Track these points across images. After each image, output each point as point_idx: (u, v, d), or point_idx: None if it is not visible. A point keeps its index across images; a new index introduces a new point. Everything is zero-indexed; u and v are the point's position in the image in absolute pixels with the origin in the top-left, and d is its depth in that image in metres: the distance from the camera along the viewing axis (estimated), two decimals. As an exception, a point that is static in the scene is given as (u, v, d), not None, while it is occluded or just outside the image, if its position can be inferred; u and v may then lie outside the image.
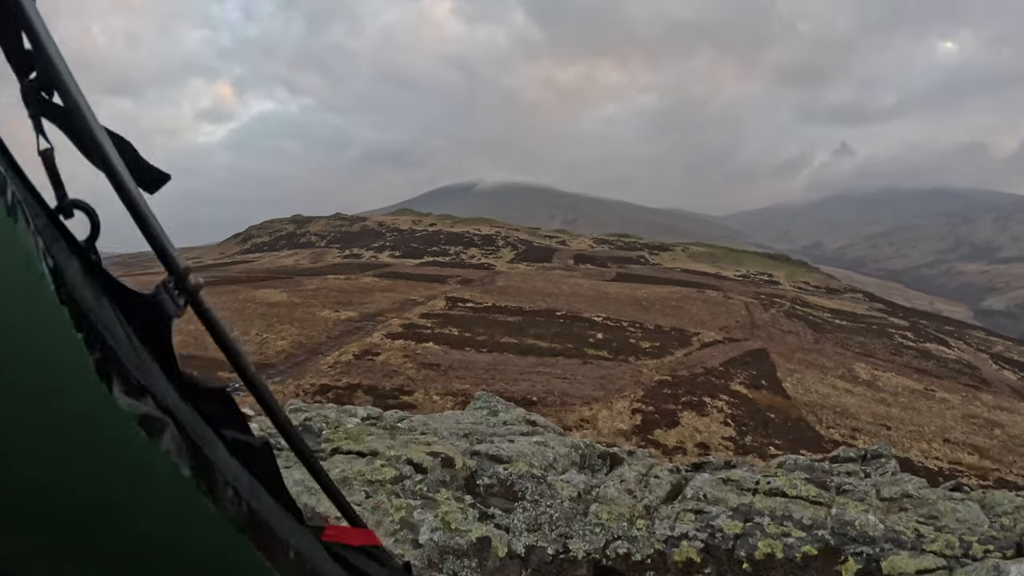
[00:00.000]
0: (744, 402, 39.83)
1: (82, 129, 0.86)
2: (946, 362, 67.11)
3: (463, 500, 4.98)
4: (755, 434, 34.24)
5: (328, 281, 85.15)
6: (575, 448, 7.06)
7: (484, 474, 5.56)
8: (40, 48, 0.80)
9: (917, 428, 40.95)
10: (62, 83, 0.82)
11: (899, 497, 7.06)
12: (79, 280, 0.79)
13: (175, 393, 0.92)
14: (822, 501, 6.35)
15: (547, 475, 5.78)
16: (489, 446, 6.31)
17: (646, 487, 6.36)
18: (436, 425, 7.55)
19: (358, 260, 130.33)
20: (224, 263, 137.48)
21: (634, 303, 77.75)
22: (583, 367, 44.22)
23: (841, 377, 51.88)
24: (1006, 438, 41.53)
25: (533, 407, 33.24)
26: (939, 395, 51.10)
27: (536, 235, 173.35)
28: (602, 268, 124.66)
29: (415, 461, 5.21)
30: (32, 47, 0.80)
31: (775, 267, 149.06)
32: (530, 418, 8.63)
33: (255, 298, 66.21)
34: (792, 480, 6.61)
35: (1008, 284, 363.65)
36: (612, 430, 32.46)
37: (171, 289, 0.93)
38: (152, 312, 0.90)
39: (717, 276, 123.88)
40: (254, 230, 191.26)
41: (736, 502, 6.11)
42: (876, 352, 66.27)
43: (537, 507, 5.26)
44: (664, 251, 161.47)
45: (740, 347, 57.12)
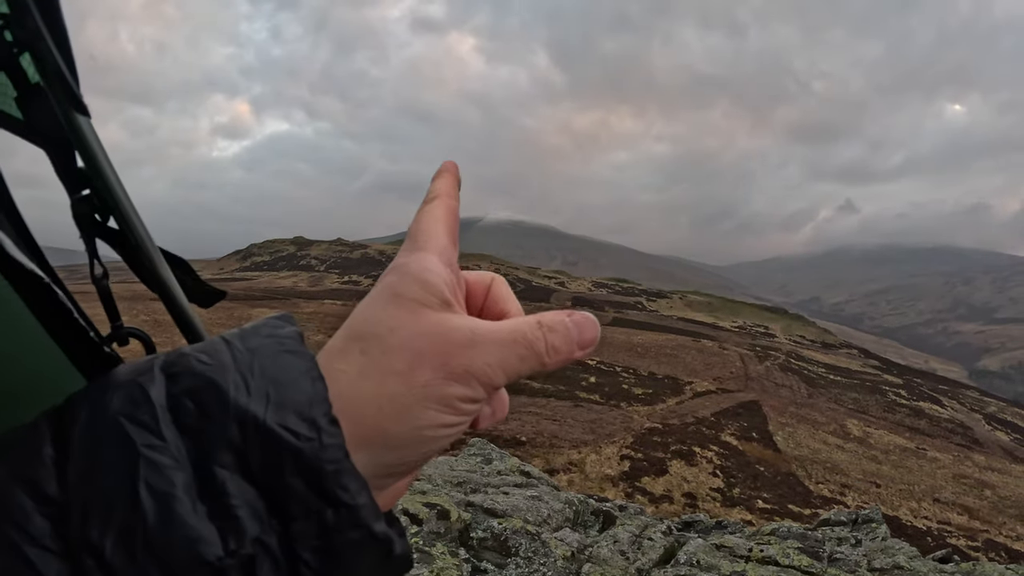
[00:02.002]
0: (734, 454, 39.62)
1: (142, 260, 0.84)
2: (939, 421, 66.93)
3: (457, 554, 4.97)
4: (744, 486, 33.98)
5: (325, 306, 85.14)
6: (569, 504, 7.05)
7: (478, 527, 5.55)
8: (97, 171, 0.78)
9: (907, 487, 40.70)
10: (120, 209, 0.80)
11: (890, 568, 7.06)
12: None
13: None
14: (814, 572, 6.33)
15: (541, 531, 5.77)
16: (484, 497, 6.31)
17: (639, 549, 6.35)
18: (430, 471, 7.54)
19: (356, 287, 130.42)
20: (223, 279, 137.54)
21: (629, 348, 77.71)
22: (574, 410, 44.07)
23: (833, 433, 51.69)
24: (996, 499, 41.27)
25: (522, 448, 33.06)
26: (930, 454, 50.89)
27: (535, 275, 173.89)
28: (599, 312, 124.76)
29: (411, 511, 5.21)
30: (87, 167, 0.78)
31: (772, 319, 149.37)
32: (524, 469, 8.62)
33: (251, 317, 64.91)
34: (785, 548, 6.60)
35: (1003, 345, 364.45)
36: (600, 475, 32.23)
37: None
38: None
39: (713, 326, 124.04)
40: (255, 248, 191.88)
41: (729, 569, 6.10)
42: (869, 409, 66.13)
43: (531, 564, 5.25)
44: (662, 298, 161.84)
45: (733, 398, 57.00)
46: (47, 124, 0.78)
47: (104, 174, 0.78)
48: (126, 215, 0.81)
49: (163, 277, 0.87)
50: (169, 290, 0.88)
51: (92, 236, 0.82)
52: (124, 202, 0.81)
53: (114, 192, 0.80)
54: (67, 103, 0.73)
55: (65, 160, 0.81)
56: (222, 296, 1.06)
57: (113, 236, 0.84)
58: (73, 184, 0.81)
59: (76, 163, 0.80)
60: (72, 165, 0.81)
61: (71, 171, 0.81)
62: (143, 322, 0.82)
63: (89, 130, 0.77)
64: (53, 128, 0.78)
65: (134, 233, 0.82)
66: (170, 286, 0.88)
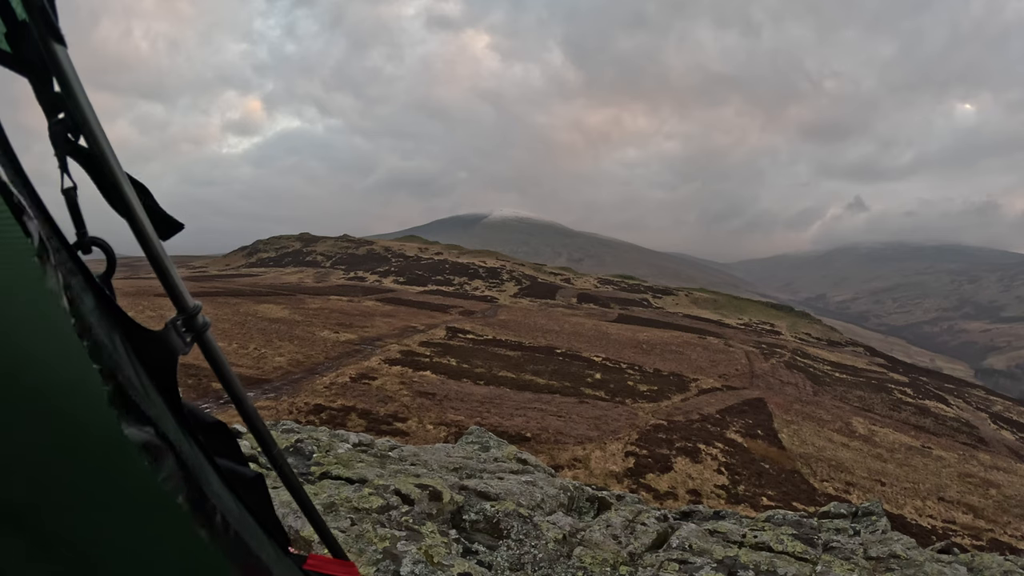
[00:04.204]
0: (739, 451, 39.56)
1: (105, 173, 0.94)
2: (944, 420, 66.73)
3: (448, 534, 4.98)
4: (748, 484, 33.94)
5: (330, 302, 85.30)
6: (564, 490, 7.05)
7: (471, 510, 5.55)
8: (71, 94, 0.88)
9: (912, 485, 40.59)
10: (89, 128, 0.91)
11: (886, 557, 7.03)
12: (94, 314, 0.85)
13: (176, 425, 0.98)
14: (808, 558, 6.32)
15: (534, 515, 5.77)
16: (478, 482, 6.31)
17: (632, 533, 6.34)
18: (427, 457, 7.55)
19: (362, 283, 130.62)
20: (229, 275, 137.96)
21: (634, 345, 77.64)
22: (579, 406, 44.04)
23: (838, 431, 51.57)
24: (1002, 498, 41.14)
25: (526, 444, 33.06)
26: (936, 453, 50.74)
27: (541, 271, 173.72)
28: (605, 308, 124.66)
29: (403, 492, 5.22)
30: (62, 91, 0.89)
31: (777, 317, 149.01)
32: (521, 456, 8.62)
33: (257, 313, 66.28)
34: (779, 535, 6.59)
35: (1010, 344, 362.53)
36: (604, 471, 32.23)
37: (179, 327, 1.01)
38: (160, 348, 0.97)
39: (719, 323, 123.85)
40: (261, 244, 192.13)
41: (721, 554, 6.09)
42: (874, 407, 65.96)
43: (521, 546, 5.25)
44: (668, 295, 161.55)
45: (738, 395, 56.93)
46: (32, 56, 0.89)
47: (77, 98, 0.89)
48: (95, 136, 0.92)
49: (128, 197, 0.96)
50: (134, 211, 0.97)
51: (64, 153, 0.96)
52: (94, 124, 0.91)
53: (85, 115, 0.90)
54: (47, 33, 0.84)
55: (45, 88, 0.92)
56: (180, 228, 1.18)
57: (83, 154, 0.96)
58: (50, 108, 0.93)
59: (54, 89, 0.91)
60: (50, 91, 0.91)
61: (49, 97, 0.92)
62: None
63: (65, 59, 0.87)
64: (36, 59, 0.88)
65: (101, 152, 0.93)
66: (134, 207, 0.97)
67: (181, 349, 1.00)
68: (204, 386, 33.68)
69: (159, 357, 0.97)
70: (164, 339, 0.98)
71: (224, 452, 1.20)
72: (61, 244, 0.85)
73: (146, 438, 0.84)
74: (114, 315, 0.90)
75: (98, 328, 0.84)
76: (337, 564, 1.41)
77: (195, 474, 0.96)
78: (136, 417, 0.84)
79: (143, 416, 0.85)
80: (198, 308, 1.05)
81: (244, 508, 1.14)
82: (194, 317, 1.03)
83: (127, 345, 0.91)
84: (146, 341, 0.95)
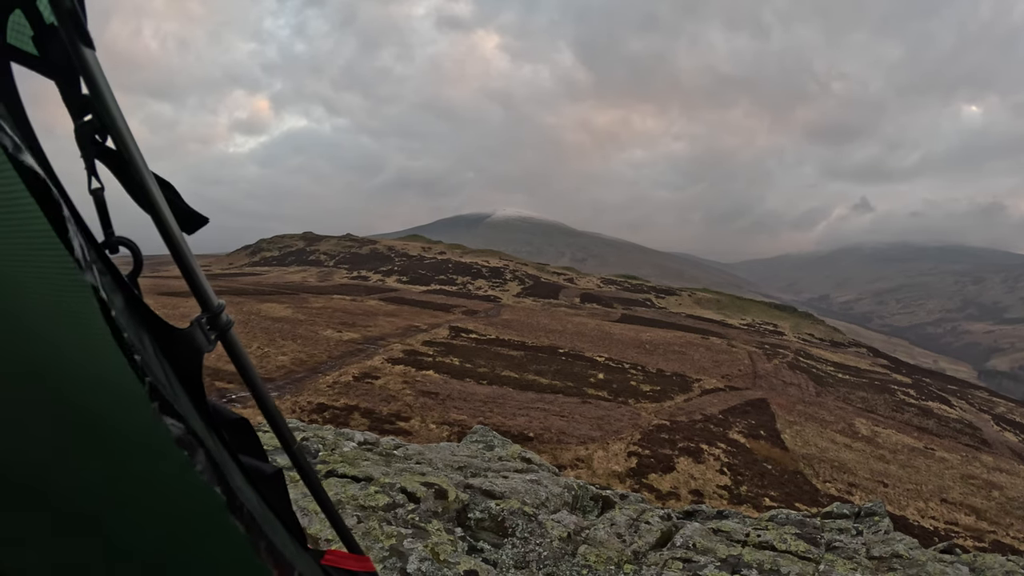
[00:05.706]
0: (741, 451, 39.54)
1: (132, 173, 0.96)
2: (947, 421, 66.63)
3: (453, 532, 5.01)
4: (751, 484, 33.92)
5: (333, 301, 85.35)
6: (568, 488, 7.07)
7: (476, 508, 5.58)
8: (99, 97, 0.88)
9: (915, 486, 40.54)
10: (117, 130, 0.92)
11: (889, 557, 7.04)
12: (124, 314, 0.87)
13: (201, 421, 1.00)
14: (811, 557, 6.34)
15: (538, 513, 5.80)
16: (483, 480, 6.34)
17: (636, 532, 6.37)
18: (431, 456, 7.58)
19: (365, 282, 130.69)
20: (232, 274, 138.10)
21: (637, 345, 77.61)
22: (582, 406, 44.04)
23: (841, 431, 51.52)
24: (1004, 500, 41.07)
25: (529, 443, 33.08)
26: (939, 454, 50.67)
27: (544, 271, 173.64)
28: (608, 308, 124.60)
29: (409, 490, 5.25)
30: (91, 94, 0.89)
31: (780, 317, 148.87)
32: (525, 455, 8.65)
33: (260, 311, 66.35)
34: (782, 534, 6.61)
35: (1013, 345, 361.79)
36: (607, 471, 32.24)
37: (204, 326, 1.03)
38: (186, 346, 0.99)
39: (722, 324, 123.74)
40: (264, 243, 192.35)
41: (725, 553, 6.11)
42: (877, 408, 65.88)
43: (526, 544, 5.28)
44: (671, 295, 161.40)
45: (741, 396, 56.87)
46: (58, 59, 0.91)
47: (106, 101, 0.89)
48: (123, 137, 0.92)
49: (153, 194, 0.97)
50: (158, 208, 0.98)
51: (92, 155, 0.98)
52: (122, 126, 0.91)
53: (114, 117, 0.90)
54: (76, 38, 0.84)
55: (72, 90, 0.93)
56: (204, 222, 1.21)
57: (110, 155, 0.97)
58: (78, 110, 0.95)
59: (81, 91, 0.92)
60: (78, 93, 0.93)
61: (76, 99, 0.94)
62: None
63: (94, 62, 0.86)
64: (63, 62, 0.90)
65: (129, 153, 0.94)
66: (159, 204, 0.98)
67: (206, 347, 1.03)
68: (207, 384, 33.70)
69: (185, 355, 1.00)
70: (190, 337, 1.00)
71: (247, 449, 1.23)
72: (90, 243, 0.87)
73: (179, 433, 0.86)
74: (142, 314, 0.92)
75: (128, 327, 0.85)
76: (353, 559, 1.44)
77: (223, 470, 0.97)
78: (168, 413, 0.86)
79: (174, 412, 0.87)
80: (222, 307, 1.07)
81: (266, 504, 1.16)
82: (218, 315, 1.06)
83: (155, 344, 0.93)
84: (172, 339, 0.97)
